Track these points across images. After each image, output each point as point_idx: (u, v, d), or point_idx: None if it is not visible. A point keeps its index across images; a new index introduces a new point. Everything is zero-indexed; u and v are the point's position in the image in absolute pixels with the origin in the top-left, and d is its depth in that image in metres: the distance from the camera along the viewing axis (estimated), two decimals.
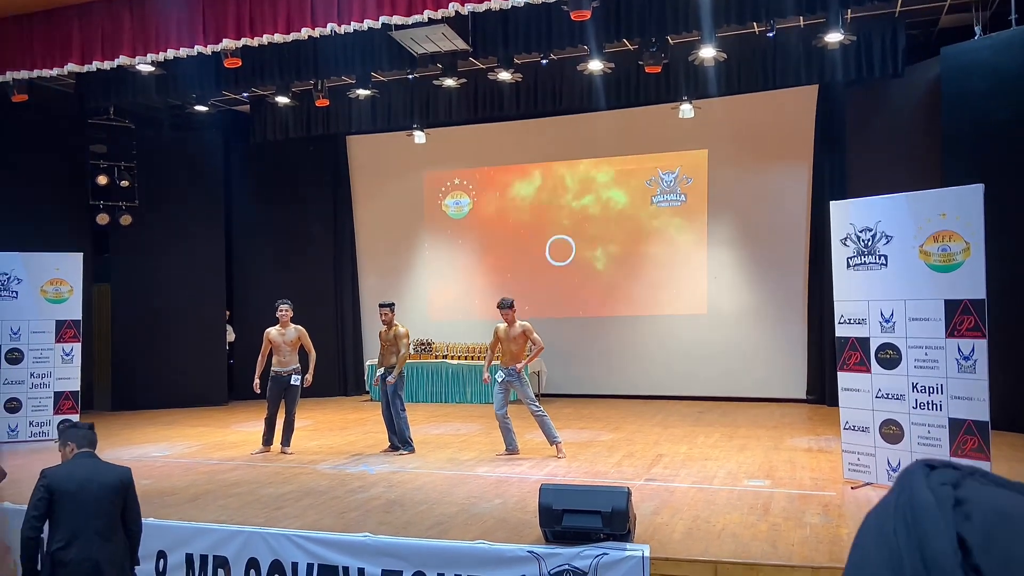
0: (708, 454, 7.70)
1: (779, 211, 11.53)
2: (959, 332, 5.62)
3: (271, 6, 7.17)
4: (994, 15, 9.03)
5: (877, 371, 6.12)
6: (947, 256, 5.70)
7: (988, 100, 8.52)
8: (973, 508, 0.50)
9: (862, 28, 9.08)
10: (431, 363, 12.46)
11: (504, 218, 13.11)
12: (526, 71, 10.40)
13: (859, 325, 6.23)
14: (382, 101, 11.32)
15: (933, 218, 5.78)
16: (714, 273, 11.99)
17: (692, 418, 10.13)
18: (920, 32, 9.79)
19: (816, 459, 7.37)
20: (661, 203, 12.34)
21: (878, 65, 9.07)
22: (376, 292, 13.07)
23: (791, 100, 11.09)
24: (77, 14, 7.77)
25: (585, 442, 8.50)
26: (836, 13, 7.91)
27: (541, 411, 7.65)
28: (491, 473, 7.06)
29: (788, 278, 11.50)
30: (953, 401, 5.68)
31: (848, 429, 6.33)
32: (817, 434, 8.70)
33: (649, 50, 8.70)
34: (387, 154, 13.48)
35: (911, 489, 0.53)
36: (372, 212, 13.73)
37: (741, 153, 11.69)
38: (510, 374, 7.72)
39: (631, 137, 12.21)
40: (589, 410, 11.06)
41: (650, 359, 12.19)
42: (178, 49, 7.51)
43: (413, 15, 6.86)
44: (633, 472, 6.95)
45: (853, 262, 6.28)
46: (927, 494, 0.52)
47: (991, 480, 0.52)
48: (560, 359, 12.22)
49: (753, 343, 11.65)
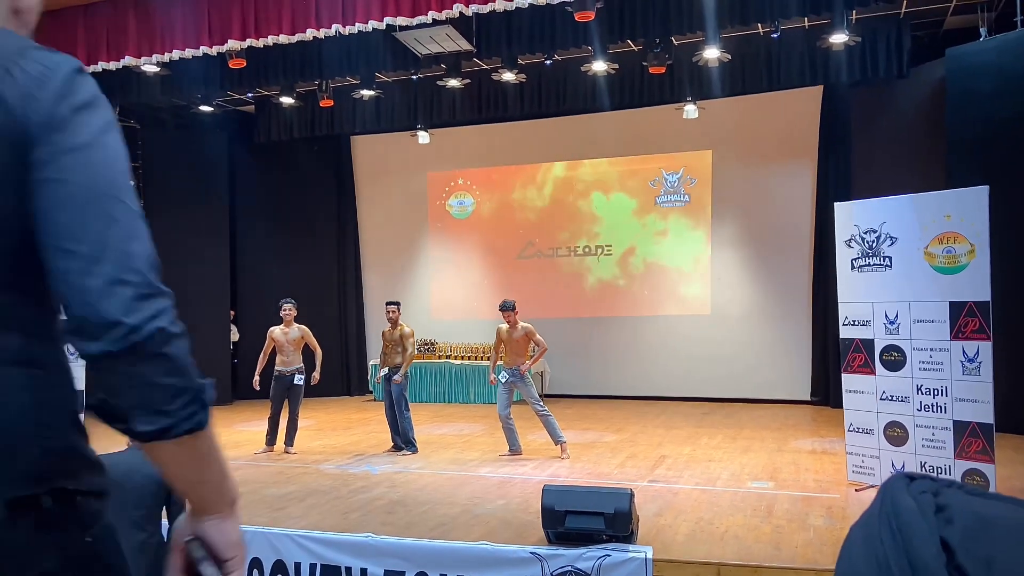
0: (712, 455, 7.69)
1: (783, 212, 11.52)
2: (964, 334, 5.61)
3: (275, 7, 7.18)
4: (999, 16, 9.01)
5: (881, 373, 6.10)
6: (952, 258, 5.69)
7: (993, 101, 8.49)
8: (954, 513, 0.53)
9: (867, 29, 9.06)
10: (434, 363, 12.47)
11: (507, 218, 13.11)
12: (530, 71, 10.40)
13: (863, 327, 6.22)
14: (386, 101, 11.34)
15: (938, 220, 5.77)
16: (718, 274, 11.98)
17: (696, 419, 10.12)
18: (925, 33, 9.77)
19: (820, 461, 7.35)
20: (665, 204, 12.33)
21: (883, 66, 9.05)
22: (380, 292, 13.08)
23: (795, 101, 11.07)
24: (82, 14, 7.79)
25: (589, 443, 8.50)
26: (841, 14, 7.89)
27: (546, 411, 7.65)
28: (494, 474, 7.07)
29: (792, 279, 11.48)
30: (958, 403, 5.66)
31: (852, 431, 6.31)
32: (821, 436, 8.69)
33: (653, 51, 8.69)
34: (391, 154, 13.50)
35: (894, 498, 0.55)
36: (376, 212, 13.74)
37: (745, 154, 11.68)
38: (513, 375, 7.73)
39: (635, 137, 12.20)
40: (592, 410, 11.05)
41: (653, 360, 12.18)
42: (183, 50, 7.53)
43: (417, 16, 6.87)
44: (636, 473, 6.95)
45: (857, 264, 6.27)
46: (910, 501, 0.55)
47: (968, 490, 0.55)
48: (563, 359, 12.22)
49: (757, 344, 11.64)
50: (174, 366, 0.98)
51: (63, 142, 0.96)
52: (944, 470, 5.75)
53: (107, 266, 0.94)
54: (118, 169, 1.00)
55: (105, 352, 0.94)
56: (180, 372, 0.99)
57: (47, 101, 0.97)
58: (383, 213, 13.69)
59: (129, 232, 0.96)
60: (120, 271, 0.94)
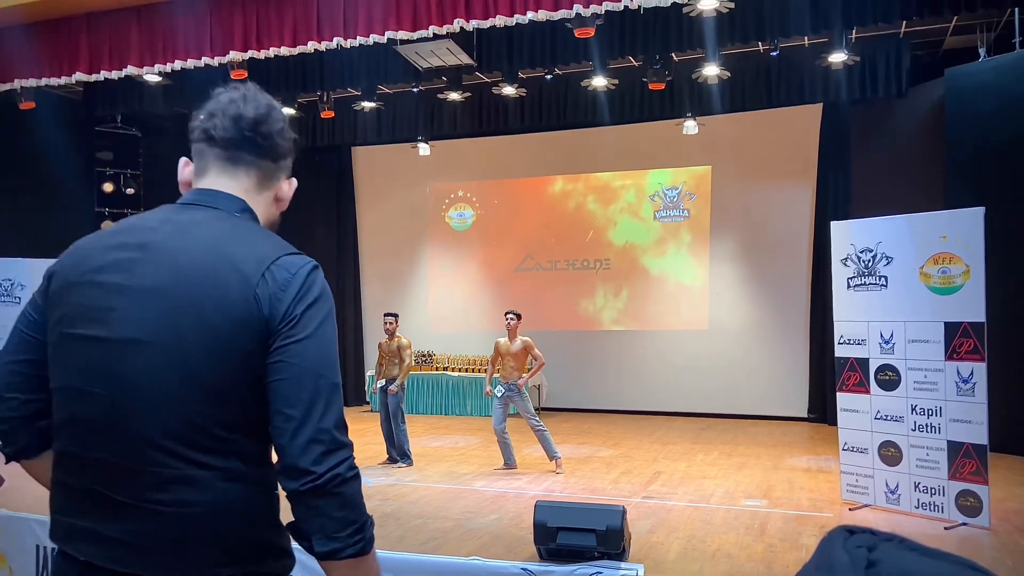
0: (706, 472, 7.68)
1: (782, 228, 11.54)
2: (958, 355, 5.61)
3: (278, 20, 7.22)
4: (998, 37, 9.06)
5: (876, 392, 6.10)
6: (947, 278, 5.70)
7: (992, 121, 8.53)
8: (883, 569, 0.55)
9: (867, 48, 9.11)
10: (431, 375, 12.46)
11: (507, 230, 13.14)
12: (530, 85, 10.45)
13: (859, 346, 6.22)
14: (387, 113, 11.39)
15: (933, 240, 5.78)
16: (716, 289, 11.99)
17: (692, 435, 10.11)
18: (925, 53, 9.82)
19: (815, 479, 7.34)
20: (664, 218, 12.36)
21: (882, 85, 9.11)
22: (378, 302, 13.09)
23: (795, 118, 11.11)
24: (85, 24, 7.84)
25: (584, 458, 8.49)
26: (841, 33, 7.94)
27: (541, 426, 7.65)
28: (488, 487, 7.05)
29: (790, 295, 11.49)
30: (952, 424, 5.66)
31: (847, 450, 6.31)
32: (817, 453, 8.67)
33: (653, 67, 8.74)
34: (392, 165, 13.54)
35: (830, 553, 0.56)
36: (376, 222, 13.78)
37: (745, 170, 11.71)
38: (510, 388, 7.73)
39: (635, 152, 12.24)
40: (588, 425, 11.04)
41: (651, 374, 12.18)
42: (185, 60, 7.57)
43: (418, 30, 6.90)
44: (630, 489, 6.93)
45: (853, 283, 6.28)
46: (844, 556, 0.57)
47: (907, 546, 0.57)
48: (560, 373, 12.21)
49: (754, 360, 11.63)
50: (345, 502, 1.28)
51: (293, 334, 1.29)
52: (938, 491, 5.74)
53: (308, 429, 1.27)
54: (329, 352, 1.33)
55: (297, 490, 1.26)
56: (351, 507, 1.28)
57: (287, 303, 1.30)
58: (383, 224, 13.72)
59: (328, 402, 1.29)
60: (316, 433, 1.27)
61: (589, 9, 6.26)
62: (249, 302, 1.28)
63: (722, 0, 6.70)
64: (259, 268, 1.31)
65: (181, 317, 1.28)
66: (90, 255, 1.37)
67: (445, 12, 6.75)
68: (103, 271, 1.33)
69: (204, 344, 1.27)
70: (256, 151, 1.44)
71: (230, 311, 1.28)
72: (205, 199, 1.42)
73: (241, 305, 1.28)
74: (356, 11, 7.02)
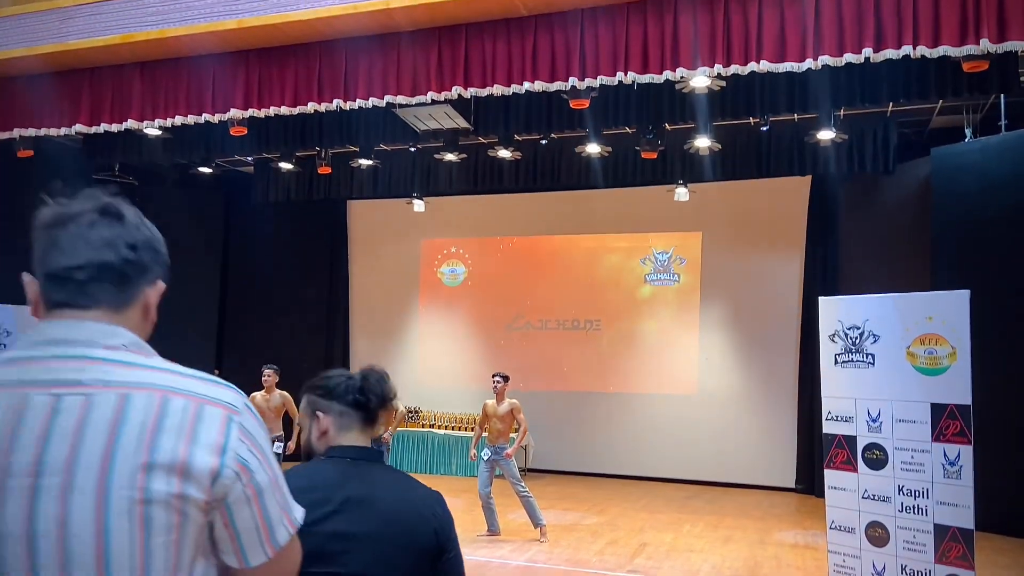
0: (692, 545, 7.57)
1: (771, 297, 11.61)
2: (945, 437, 5.60)
3: (279, 81, 7.34)
4: (984, 119, 9.28)
5: (864, 471, 6.06)
6: (933, 359, 5.72)
7: (977, 201, 8.68)
8: None
9: (854, 126, 9.31)
10: (418, 432, 12.34)
11: (498, 288, 13.17)
12: (526, 149, 10.60)
13: (846, 423, 6.20)
14: (383, 170, 11.51)
15: (920, 321, 5.82)
16: (706, 355, 11.99)
17: (678, 503, 9.99)
18: (912, 131, 10.03)
19: (802, 556, 7.25)
20: (655, 282, 12.43)
21: (870, 162, 9.28)
22: (367, 358, 13.00)
23: (785, 187, 11.28)
24: (88, 77, 7.94)
25: (569, 525, 8.37)
26: (828, 112, 8.12)
27: (527, 492, 7.56)
28: (471, 556, 6.91)
29: (779, 364, 11.50)
30: (939, 507, 5.61)
31: (834, 528, 6.23)
32: (804, 528, 8.58)
33: (646, 137, 8.90)
34: (386, 220, 13.63)
35: None
36: (368, 276, 13.80)
37: (735, 237, 11.84)
38: (496, 452, 7.66)
39: (627, 215, 12.37)
40: (574, 489, 10.91)
41: (638, 438, 12.09)
42: (186, 116, 7.66)
43: (417, 95, 7.02)
44: (616, 562, 6.82)
45: (841, 359, 6.30)
46: None
47: None
48: (547, 433, 12.12)
49: (743, 427, 11.58)
50: None
51: (449, 555, 1.84)
52: (925, 574, 5.67)
53: None
54: (461, 561, 1.89)
55: None
56: None
57: (446, 532, 1.84)
58: (375, 278, 13.75)
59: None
60: None
61: (584, 82, 6.40)
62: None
63: (713, 79, 6.86)
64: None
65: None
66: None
67: (444, 79, 6.88)
68: None
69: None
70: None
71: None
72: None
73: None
74: (357, 75, 7.15)
